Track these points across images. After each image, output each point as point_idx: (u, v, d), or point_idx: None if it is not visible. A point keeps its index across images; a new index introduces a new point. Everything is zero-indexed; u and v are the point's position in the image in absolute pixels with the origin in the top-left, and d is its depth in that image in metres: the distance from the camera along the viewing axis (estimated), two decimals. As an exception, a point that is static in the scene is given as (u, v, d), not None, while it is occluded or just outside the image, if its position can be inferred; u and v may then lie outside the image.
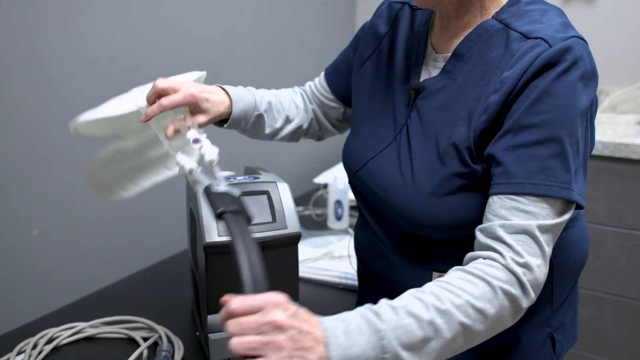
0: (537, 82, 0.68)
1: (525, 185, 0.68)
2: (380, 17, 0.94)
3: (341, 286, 1.27)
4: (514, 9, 0.76)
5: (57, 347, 1.00)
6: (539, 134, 0.68)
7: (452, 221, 0.76)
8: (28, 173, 1.15)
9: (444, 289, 0.64)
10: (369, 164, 0.87)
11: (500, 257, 0.67)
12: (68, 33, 1.17)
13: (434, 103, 0.79)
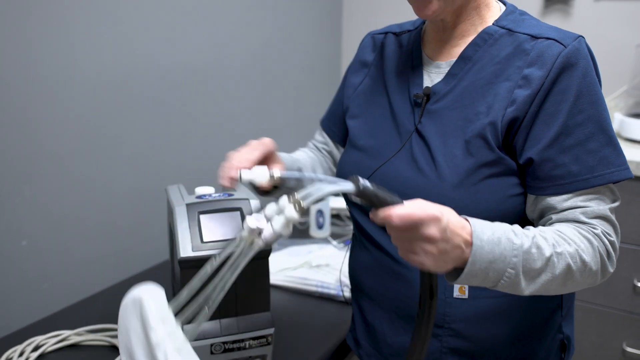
0: (567, 84, 0.75)
1: (589, 179, 0.75)
2: (365, 48, 1.02)
3: (318, 294, 1.32)
4: (511, 17, 0.85)
5: (43, 355, 1.06)
6: (586, 130, 0.75)
7: (481, 212, 0.76)
8: (18, 186, 1.20)
9: (560, 237, 0.72)
10: (378, 174, 0.88)
11: (593, 229, 0.75)
12: (58, 49, 1.23)
13: (447, 104, 0.84)
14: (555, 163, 0.76)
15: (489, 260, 0.66)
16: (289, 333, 1.16)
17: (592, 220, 0.75)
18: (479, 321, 0.84)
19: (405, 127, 0.88)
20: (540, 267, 0.69)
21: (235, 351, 0.97)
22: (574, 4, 1.98)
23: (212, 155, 1.73)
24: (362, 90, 0.98)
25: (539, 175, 0.77)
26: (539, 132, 0.76)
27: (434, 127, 0.84)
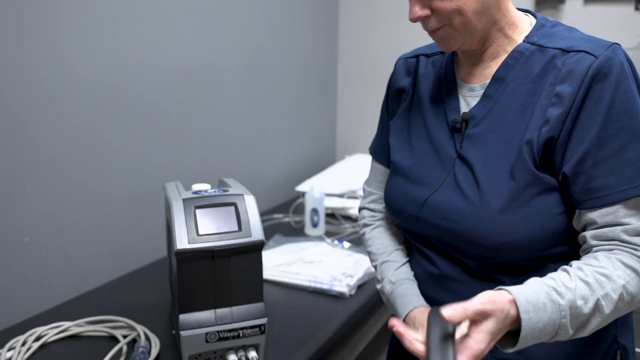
0: (599, 95, 0.73)
1: (627, 191, 0.73)
2: (398, 73, 0.98)
3: (310, 289, 1.36)
4: (542, 31, 0.82)
5: (45, 345, 1.10)
6: (620, 140, 0.73)
7: (529, 233, 0.77)
8: (20, 185, 1.24)
9: (602, 275, 0.71)
10: (429, 203, 0.86)
11: (635, 251, 0.74)
12: (55, 54, 1.27)
13: (486, 127, 0.82)
14: (589, 176, 0.75)
15: (539, 328, 0.68)
16: (283, 325, 1.20)
17: (634, 239, 0.74)
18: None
19: (446, 153, 0.87)
20: (588, 314, 0.70)
21: (230, 340, 1.00)
22: (563, 8, 2.03)
23: (209, 154, 1.78)
24: (401, 116, 0.97)
25: (575, 189, 0.76)
26: (574, 147, 0.75)
27: (476, 152, 0.82)
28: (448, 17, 0.78)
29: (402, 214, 0.91)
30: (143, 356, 1.02)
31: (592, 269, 0.72)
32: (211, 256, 0.97)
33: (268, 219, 1.93)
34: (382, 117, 1.03)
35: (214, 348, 1.00)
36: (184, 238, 0.95)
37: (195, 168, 1.72)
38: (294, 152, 2.25)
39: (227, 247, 0.97)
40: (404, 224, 0.93)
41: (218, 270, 0.99)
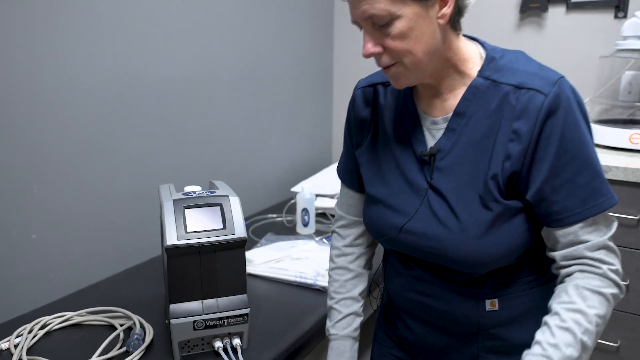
0: (550, 130, 0.80)
1: (583, 212, 0.81)
2: (358, 104, 1.02)
3: (296, 283, 1.46)
4: (492, 65, 0.87)
5: (49, 332, 1.20)
6: (572, 169, 0.80)
7: (503, 251, 0.86)
8: (28, 186, 1.35)
9: (575, 312, 0.80)
10: (405, 230, 0.92)
11: (597, 269, 0.82)
12: (64, 66, 1.38)
13: (454, 159, 0.88)
14: (549, 201, 0.82)
15: None
16: (268, 316, 1.30)
17: (595, 254, 0.82)
18: (509, 325, 0.94)
19: (418, 184, 0.92)
20: (578, 356, 0.78)
21: (216, 328, 1.10)
22: (547, 16, 2.11)
23: (207, 157, 1.88)
24: (368, 149, 1.01)
25: (539, 213, 0.85)
26: (533, 177, 0.83)
27: (447, 183, 0.88)
28: (399, 56, 0.82)
29: (382, 236, 0.98)
30: (137, 342, 1.12)
31: (566, 309, 0.80)
32: (198, 251, 1.07)
33: (262, 219, 2.03)
34: (345, 143, 1.08)
35: (201, 335, 1.11)
36: (173, 235, 1.06)
37: (194, 171, 1.83)
38: (290, 155, 2.35)
39: (212, 244, 1.07)
40: (385, 244, 1.00)
41: (205, 265, 1.09)
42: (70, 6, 1.37)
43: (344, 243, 1.12)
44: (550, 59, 2.12)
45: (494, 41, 2.20)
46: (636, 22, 1.74)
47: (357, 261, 1.11)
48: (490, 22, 2.20)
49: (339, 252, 1.12)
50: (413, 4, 0.79)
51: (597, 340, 0.81)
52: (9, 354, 1.11)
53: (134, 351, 1.11)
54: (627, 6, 1.96)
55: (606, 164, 1.56)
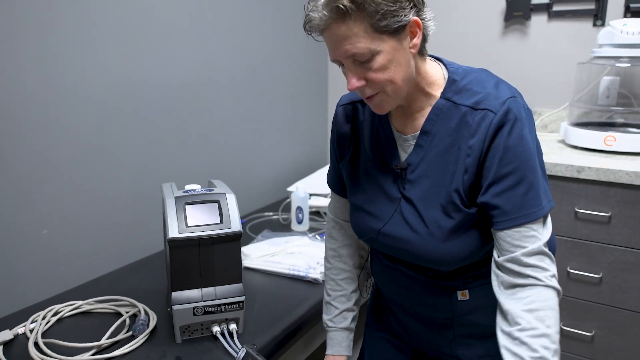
0: (497, 143, 0.89)
1: (519, 217, 0.88)
2: (340, 122, 1.12)
3: (289, 276, 1.56)
4: (454, 87, 0.96)
5: (61, 319, 1.31)
6: (512, 179, 0.89)
7: (466, 253, 0.95)
8: (40, 185, 1.46)
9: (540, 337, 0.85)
10: (382, 233, 1.03)
11: (538, 280, 0.87)
12: (71, 71, 1.49)
13: (421, 172, 0.98)
14: (491, 205, 0.91)
15: None
16: (263, 305, 1.40)
17: (530, 259, 0.88)
18: (479, 312, 1.05)
19: (392, 194, 1.02)
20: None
21: (214, 314, 1.21)
22: (530, 24, 2.21)
23: (207, 158, 1.99)
24: (350, 161, 1.11)
25: (490, 214, 0.92)
26: (482, 183, 0.92)
27: (416, 193, 0.99)
28: (381, 86, 0.90)
29: (364, 236, 1.09)
30: (142, 327, 1.23)
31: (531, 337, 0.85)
32: (198, 244, 1.18)
33: (259, 217, 2.13)
34: (331, 156, 1.18)
35: (201, 320, 1.21)
36: (175, 229, 1.16)
37: (193, 172, 1.93)
38: (286, 156, 2.45)
39: (210, 237, 1.18)
40: (367, 242, 1.11)
41: (203, 256, 1.20)
42: (78, 18, 1.48)
43: (337, 245, 1.23)
44: (532, 65, 2.22)
45: (480, 47, 2.31)
46: (611, 31, 1.84)
47: (350, 261, 1.23)
48: (476, 30, 2.30)
49: (334, 253, 1.24)
50: (389, 38, 0.88)
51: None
52: (24, 338, 1.21)
53: (139, 335, 1.21)
54: (604, 15, 2.07)
55: (581, 164, 1.66)
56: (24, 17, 1.36)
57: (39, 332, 1.21)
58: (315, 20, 0.89)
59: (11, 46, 1.34)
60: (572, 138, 1.93)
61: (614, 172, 1.60)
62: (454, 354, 1.11)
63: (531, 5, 2.19)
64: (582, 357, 1.78)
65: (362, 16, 0.85)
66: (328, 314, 1.22)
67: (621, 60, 1.89)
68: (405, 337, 1.20)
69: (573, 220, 1.70)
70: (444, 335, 1.10)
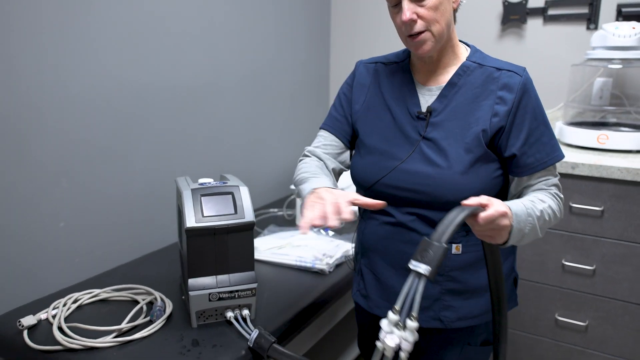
0: (526, 102, 1.10)
1: (547, 161, 1.12)
2: (361, 73, 1.27)
3: (296, 267, 1.63)
4: (478, 55, 1.18)
5: (80, 306, 1.37)
6: (539, 132, 1.11)
7: (479, 188, 1.10)
8: (58, 179, 1.52)
9: (542, 201, 1.09)
10: (397, 171, 1.15)
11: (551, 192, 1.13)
12: (87, 74, 1.55)
13: (445, 117, 1.13)
14: (528, 154, 1.11)
15: (519, 228, 1.01)
16: (273, 294, 1.47)
17: (550, 188, 1.13)
18: (467, 269, 1.16)
19: (412, 136, 1.16)
20: (540, 216, 1.05)
21: (228, 300, 1.27)
22: (526, 27, 2.30)
23: (208, 159, 2.06)
24: (367, 107, 1.24)
25: (520, 164, 1.12)
26: (515, 136, 1.11)
27: (439, 134, 1.13)
28: (429, 23, 1.07)
29: (369, 182, 1.19)
30: (160, 312, 1.29)
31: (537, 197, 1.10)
32: (213, 233, 1.25)
33: (265, 213, 2.20)
34: (341, 103, 1.29)
35: (215, 306, 1.28)
36: (192, 219, 1.23)
37: (200, 170, 2.00)
38: (289, 155, 2.52)
39: (225, 226, 1.24)
40: (374, 188, 1.18)
41: (218, 245, 1.26)
42: (95, 29, 1.55)
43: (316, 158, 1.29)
44: (529, 67, 2.29)
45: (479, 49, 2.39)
46: (603, 34, 1.92)
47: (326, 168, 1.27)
48: (474, 33, 2.38)
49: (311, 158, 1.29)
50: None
51: (552, 220, 1.10)
52: (47, 323, 1.28)
53: (156, 320, 1.28)
54: (597, 19, 2.15)
55: (574, 161, 1.74)
56: (49, 29, 1.42)
57: (61, 318, 1.28)
58: None
59: (35, 53, 1.41)
60: (567, 137, 2.00)
61: (606, 168, 1.68)
62: (437, 317, 1.19)
63: (527, 10, 2.27)
64: (577, 346, 1.85)
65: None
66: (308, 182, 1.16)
67: (613, 61, 1.97)
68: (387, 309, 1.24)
69: (568, 215, 1.78)
70: (430, 294, 1.17)
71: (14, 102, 1.39)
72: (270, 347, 1.18)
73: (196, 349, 1.19)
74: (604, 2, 2.13)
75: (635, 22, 1.93)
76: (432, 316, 1.19)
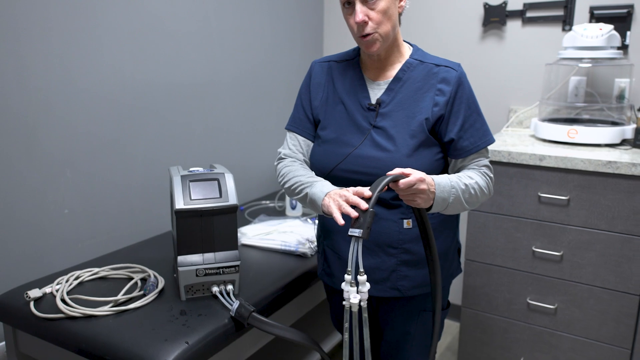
0: (462, 93, 1.27)
1: (480, 145, 1.29)
2: (317, 73, 1.41)
3: (281, 251, 1.76)
4: (419, 52, 1.34)
5: (82, 282, 1.51)
6: (472, 118, 1.28)
7: (423, 167, 1.23)
8: (62, 170, 1.67)
9: (470, 177, 1.26)
10: (351, 157, 1.29)
11: (481, 170, 1.30)
12: (92, 69, 1.70)
13: (392, 108, 1.29)
14: (464, 138, 1.28)
15: (442, 197, 1.18)
16: (257, 274, 1.60)
17: (481, 168, 1.31)
18: (418, 241, 1.30)
19: (363, 126, 1.31)
20: (464, 189, 1.22)
21: (213, 275, 1.41)
22: (505, 29, 2.42)
23: (205, 154, 2.20)
24: (324, 102, 1.38)
25: (457, 147, 1.29)
26: (453, 122, 1.28)
27: (387, 123, 1.28)
28: (378, 25, 1.22)
29: (328, 168, 1.32)
30: (152, 287, 1.43)
31: (466, 173, 1.27)
32: (200, 215, 1.38)
33: (257, 204, 2.34)
34: (301, 103, 1.42)
35: (202, 281, 1.41)
36: (181, 201, 1.37)
37: (197, 164, 2.14)
38: (282, 151, 2.65)
39: (211, 209, 1.38)
40: (331, 175, 1.31)
41: (205, 225, 1.40)
42: (100, 31, 1.70)
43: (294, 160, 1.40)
44: (508, 66, 2.43)
45: (461, 50, 2.51)
46: (574, 35, 2.04)
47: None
48: (457, 33, 2.51)
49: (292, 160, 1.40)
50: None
51: (479, 197, 1.27)
52: (51, 296, 1.42)
53: (149, 293, 1.42)
54: (572, 20, 2.27)
55: (542, 153, 1.86)
56: (57, 31, 1.57)
57: (64, 291, 1.42)
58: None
59: (44, 53, 1.56)
60: (541, 132, 2.12)
61: (570, 160, 1.80)
62: (395, 286, 1.33)
63: (506, 12, 2.39)
64: (547, 328, 1.96)
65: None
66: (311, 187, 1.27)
67: (583, 61, 2.09)
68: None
69: (537, 204, 1.90)
70: (387, 266, 1.32)
71: (24, 99, 1.54)
72: (250, 316, 1.31)
73: (183, 317, 1.33)
74: (578, 4, 2.25)
75: (602, 23, 2.05)
76: (390, 286, 1.32)
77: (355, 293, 1.04)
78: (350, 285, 1.04)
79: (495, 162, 1.94)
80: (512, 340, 2.04)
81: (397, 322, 1.38)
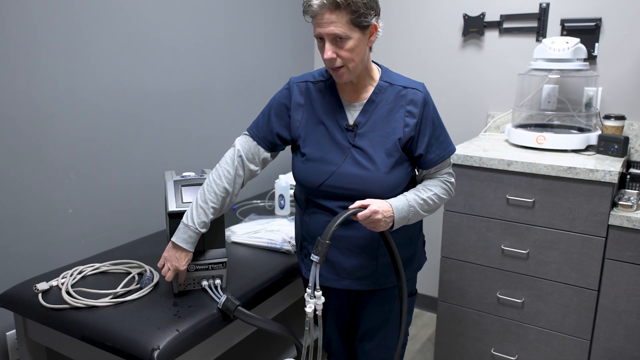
0: (427, 112, 1.42)
1: (443, 156, 1.45)
2: (296, 93, 1.48)
3: (267, 248, 1.92)
4: (387, 74, 1.46)
5: (85, 276, 1.67)
6: (437, 133, 1.44)
7: (398, 183, 1.42)
8: (67, 172, 1.82)
9: (428, 189, 1.45)
10: (336, 175, 1.41)
11: (442, 178, 1.49)
12: (93, 79, 1.85)
13: (368, 128, 1.41)
14: (431, 152, 1.44)
15: (402, 217, 1.37)
16: (244, 269, 1.75)
17: (442, 175, 1.49)
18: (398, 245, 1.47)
19: (343, 145, 1.42)
20: (422, 203, 1.42)
21: (203, 271, 1.56)
22: (484, 39, 2.56)
23: (199, 157, 2.35)
24: (304, 123, 1.47)
25: (425, 160, 1.45)
26: (421, 140, 1.42)
27: (365, 142, 1.41)
28: (347, 61, 1.33)
29: (315, 184, 1.44)
30: (148, 281, 1.59)
31: (425, 186, 1.46)
32: (191, 216, 1.53)
33: (248, 204, 2.49)
34: (269, 115, 1.49)
35: (193, 276, 1.56)
36: (173, 204, 1.52)
37: (191, 167, 2.29)
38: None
39: (200, 211, 1.53)
40: (317, 190, 1.44)
41: (195, 226, 1.55)
42: (100, 37, 1.85)
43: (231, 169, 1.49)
44: (486, 74, 2.57)
45: (442, 58, 2.66)
46: (543, 48, 2.18)
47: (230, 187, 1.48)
48: (438, 43, 2.65)
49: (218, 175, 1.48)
50: (359, 31, 1.32)
51: (435, 207, 1.47)
52: (57, 289, 1.57)
53: (145, 287, 1.57)
54: (545, 32, 2.41)
55: (509, 159, 2.00)
56: (61, 44, 1.72)
57: (68, 284, 1.57)
58: (315, 7, 1.29)
59: (48, 64, 1.71)
60: (513, 137, 2.27)
61: (535, 165, 1.95)
62: (375, 282, 1.51)
63: (484, 23, 2.53)
64: (515, 320, 2.12)
65: (347, 11, 1.28)
66: (198, 217, 1.44)
67: (552, 72, 2.23)
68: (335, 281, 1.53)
69: (505, 206, 2.05)
70: (368, 267, 1.49)
71: (32, 109, 1.69)
72: (236, 309, 1.46)
73: (175, 308, 1.48)
74: (551, 17, 2.39)
75: (569, 37, 2.19)
76: (371, 282, 1.51)
77: (312, 305, 1.32)
78: (310, 297, 1.32)
79: (467, 166, 2.08)
80: (483, 332, 2.20)
81: (375, 310, 1.56)
